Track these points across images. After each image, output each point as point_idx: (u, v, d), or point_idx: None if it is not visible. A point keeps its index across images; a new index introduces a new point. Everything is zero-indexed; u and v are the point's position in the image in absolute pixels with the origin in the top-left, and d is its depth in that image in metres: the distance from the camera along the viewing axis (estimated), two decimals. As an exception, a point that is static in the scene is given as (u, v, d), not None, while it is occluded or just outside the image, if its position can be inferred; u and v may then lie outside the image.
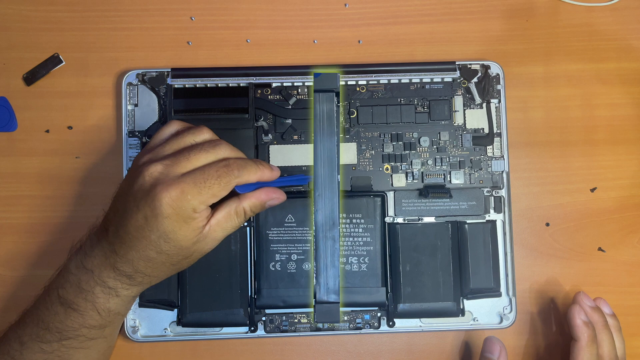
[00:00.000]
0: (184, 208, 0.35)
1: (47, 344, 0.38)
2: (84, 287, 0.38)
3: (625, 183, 0.49)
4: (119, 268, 0.37)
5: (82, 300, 0.38)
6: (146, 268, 0.37)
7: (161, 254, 0.37)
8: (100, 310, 0.38)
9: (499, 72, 0.48)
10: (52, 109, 0.49)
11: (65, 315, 0.38)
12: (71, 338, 0.38)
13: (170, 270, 0.39)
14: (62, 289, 0.38)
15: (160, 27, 0.50)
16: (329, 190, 0.37)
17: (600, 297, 0.46)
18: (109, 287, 0.38)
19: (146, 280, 0.39)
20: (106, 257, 0.38)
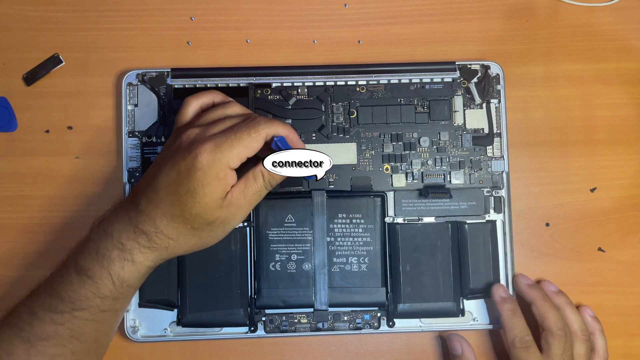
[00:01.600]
0: (218, 161, 0.37)
1: (59, 314, 0.38)
2: (101, 251, 0.38)
3: (625, 183, 0.49)
4: (140, 227, 0.38)
5: (98, 266, 0.38)
6: (167, 228, 0.38)
7: (185, 212, 0.37)
8: (115, 279, 0.38)
9: (499, 72, 0.48)
10: (52, 109, 0.49)
11: (80, 284, 0.38)
12: (84, 309, 0.38)
13: (191, 236, 0.39)
14: (79, 256, 0.39)
15: (160, 27, 0.50)
16: (321, 246, 0.46)
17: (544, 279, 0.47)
18: (127, 249, 0.38)
19: (164, 244, 0.38)
20: (129, 218, 0.38)
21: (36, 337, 0.38)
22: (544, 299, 0.44)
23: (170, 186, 0.37)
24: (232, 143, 0.37)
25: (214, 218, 0.38)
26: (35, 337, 0.38)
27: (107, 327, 0.41)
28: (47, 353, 0.38)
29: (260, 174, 0.39)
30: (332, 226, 0.46)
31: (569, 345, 0.43)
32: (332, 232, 0.46)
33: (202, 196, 0.37)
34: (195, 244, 0.40)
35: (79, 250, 0.39)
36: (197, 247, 0.40)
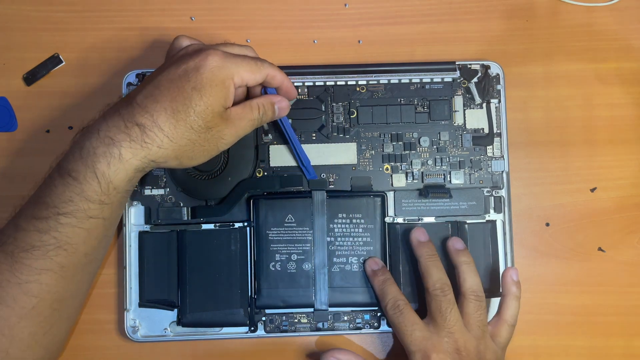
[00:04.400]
0: (226, 69, 0.38)
1: (43, 221, 0.36)
2: (85, 149, 0.36)
3: (625, 183, 0.49)
4: (134, 119, 0.36)
5: (82, 165, 0.36)
6: (165, 122, 0.36)
7: (188, 108, 0.37)
8: (100, 178, 0.36)
9: (499, 72, 0.48)
10: (52, 109, 0.49)
11: (64, 186, 0.36)
12: (69, 214, 0.36)
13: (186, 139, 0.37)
14: (62, 160, 0.37)
15: (160, 27, 0.50)
16: (321, 246, 0.46)
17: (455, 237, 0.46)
18: (115, 142, 0.36)
19: (158, 141, 0.37)
20: (120, 114, 0.37)
21: (20, 249, 0.36)
22: (429, 257, 0.43)
23: (175, 82, 0.37)
24: (240, 61, 0.39)
25: (214, 124, 0.38)
26: (19, 249, 0.36)
27: (95, 238, 0.38)
28: (32, 266, 0.36)
29: (257, 106, 0.41)
30: (332, 226, 0.46)
31: (448, 304, 0.41)
32: (332, 232, 0.46)
33: (208, 96, 0.37)
34: (187, 151, 0.38)
35: (63, 156, 0.38)
36: (187, 158, 0.39)
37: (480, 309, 0.42)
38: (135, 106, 0.37)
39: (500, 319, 0.44)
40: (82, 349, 0.47)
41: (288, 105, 0.43)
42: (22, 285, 0.36)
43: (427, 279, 0.43)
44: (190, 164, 0.40)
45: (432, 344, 0.41)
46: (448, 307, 0.42)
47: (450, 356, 0.40)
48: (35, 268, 0.36)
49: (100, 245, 0.40)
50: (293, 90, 0.43)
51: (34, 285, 0.36)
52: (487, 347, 0.42)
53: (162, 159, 0.38)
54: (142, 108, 0.36)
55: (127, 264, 0.46)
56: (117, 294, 0.48)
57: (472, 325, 0.42)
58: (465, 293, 0.43)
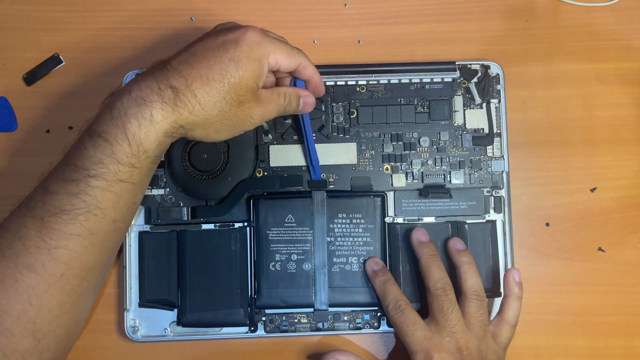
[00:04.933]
0: (264, 47, 0.38)
1: (73, 183, 0.35)
2: (117, 110, 0.35)
3: (625, 183, 0.49)
4: (168, 82, 0.36)
5: (113, 126, 0.35)
6: (199, 89, 0.36)
7: (224, 78, 0.36)
8: (131, 139, 0.35)
9: (499, 72, 0.48)
10: (52, 109, 0.49)
11: (94, 147, 0.35)
12: (99, 176, 0.35)
13: (220, 108, 0.37)
14: (92, 123, 0.36)
15: (160, 27, 0.50)
16: (321, 246, 0.46)
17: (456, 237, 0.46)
18: (147, 103, 0.35)
19: (190, 106, 0.36)
20: (154, 77, 0.36)
21: (49, 214, 0.35)
22: (430, 257, 0.44)
23: (212, 51, 0.37)
24: (278, 42, 0.39)
25: (245, 99, 0.38)
26: (48, 213, 0.35)
27: (124, 204, 0.37)
28: (62, 231, 0.35)
29: (284, 94, 0.41)
30: (332, 226, 0.46)
31: (449, 304, 0.42)
32: (332, 232, 0.46)
33: (244, 69, 0.37)
34: (216, 123, 0.38)
35: (93, 120, 0.37)
36: (214, 130, 0.38)
37: (481, 308, 0.42)
38: (170, 69, 0.36)
39: (502, 319, 0.44)
40: (82, 349, 0.47)
41: (313, 102, 0.43)
42: (52, 251, 0.35)
43: (428, 278, 0.43)
44: (215, 137, 0.39)
45: (434, 344, 0.41)
46: (450, 306, 0.42)
47: (452, 356, 0.40)
48: (65, 233, 0.35)
49: (128, 213, 0.39)
50: (321, 87, 0.43)
51: (63, 251, 0.35)
52: (489, 346, 0.42)
53: (191, 125, 0.37)
54: (176, 72, 0.36)
55: (127, 264, 0.46)
56: (117, 294, 0.48)
57: (473, 325, 0.42)
58: (466, 293, 0.43)
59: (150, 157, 0.37)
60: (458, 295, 0.43)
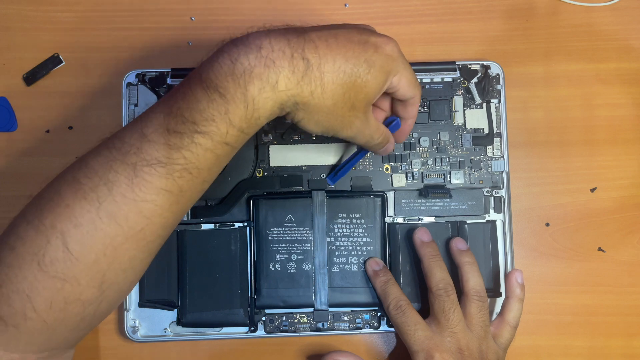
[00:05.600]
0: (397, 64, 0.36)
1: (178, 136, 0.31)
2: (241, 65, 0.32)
3: (625, 183, 0.49)
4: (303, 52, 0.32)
5: (232, 82, 0.31)
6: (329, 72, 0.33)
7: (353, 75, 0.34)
8: (249, 102, 0.32)
9: (499, 72, 0.48)
10: (52, 109, 0.49)
11: (209, 102, 0.31)
12: (206, 133, 0.32)
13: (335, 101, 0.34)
14: (208, 71, 0.32)
15: (160, 27, 0.50)
16: (321, 246, 0.46)
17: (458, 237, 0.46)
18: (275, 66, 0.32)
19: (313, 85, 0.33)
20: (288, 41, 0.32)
21: (144, 162, 0.31)
22: (432, 257, 0.44)
23: (353, 43, 0.34)
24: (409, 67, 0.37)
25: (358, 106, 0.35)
26: (143, 162, 0.31)
27: (218, 168, 0.35)
28: (153, 184, 0.32)
29: (382, 132, 0.39)
30: (332, 226, 0.46)
31: (451, 304, 0.42)
32: (332, 232, 0.46)
33: (373, 77, 0.34)
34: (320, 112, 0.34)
35: (205, 65, 0.33)
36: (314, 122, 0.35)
37: (482, 309, 0.42)
38: (308, 40, 0.33)
39: (503, 320, 0.44)
40: (82, 349, 0.47)
41: (391, 150, 0.42)
42: (139, 203, 0.32)
43: (430, 278, 0.43)
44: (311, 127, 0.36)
45: (435, 344, 0.41)
46: (451, 307, 0.42)
47: (453, 356, 0.40)
48: (156, 186, 0.32)
49: (213, 178, 0.36)
50: (406, 136, 0.42)
51: (149, 205, 0.32)
52: (489, 347, 0.42)
53: (304, 106, 0.34)
54: (314, 46, 0.33)
55: (127, 264, 0.46)
56: (117, 294, 0.48)
57: (474, 326, 0.42)
58: (468, 293, 0.43)
59: (258, 126, 0.34)
60: (459, 295, 0.43)
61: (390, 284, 0.44)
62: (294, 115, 0.35)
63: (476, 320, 0.42)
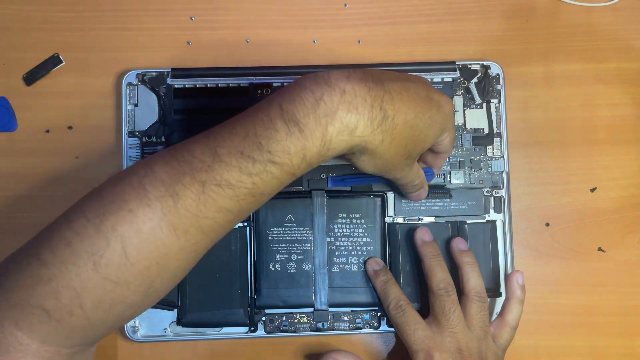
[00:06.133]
0: (450, 122, 0.39)
1: (251, 162, 0.32)
2: (323, 104, 0.32)
3: (625, 183, 0.49)
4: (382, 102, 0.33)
5: (314, 120, 0.32)
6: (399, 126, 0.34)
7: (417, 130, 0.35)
8: (326, 142, 0.32)
9: (499, 72, 0.48)
10: (52, 109, 0.49)
11: (286, 134, 0.32)
12: (279, 164, 0.32)
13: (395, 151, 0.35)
14: (288, 103, 0.32)
15: (160, 27, 0.50)
16: (321, 246, 0.46)
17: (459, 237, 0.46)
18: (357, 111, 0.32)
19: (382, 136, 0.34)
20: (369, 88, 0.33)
21: (213, 182, 0.32)
22: (433, 257, 0.44)
23: (421, 99, 0.35)
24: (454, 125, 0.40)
25: (413, 157, 0.38)
26: (213, 181, 0.32)
27: (276, 192, 0.35)
28: (218, 203, 0.32)
29: (419, 176, 0.41)
30: (332, 226, 0.46)
31: (451, 304, 0.42)
32: (332, 232, 0.46)
33: (432, 134, 0.37)
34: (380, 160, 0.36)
35: (284, 97, 0.33)
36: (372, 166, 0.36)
37: (483, 310, 0.43)
38: (387, 92, 0.34)
39: (503, 321, 0.44)
40: (82, 349, 0.47)
41: (424, 197, 0.44)
42: (200, 219, 0.32)
43: (431, 278, 0.43)
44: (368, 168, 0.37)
45: (435, 344, 0.41)
46: (452, 307, 0.42)
47: (453, 356, 0.40)
48: (221, 206, 0.32)
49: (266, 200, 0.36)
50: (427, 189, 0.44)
51: (209, 221, 0.33)
52: (489, 348, 0.42)
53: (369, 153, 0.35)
54: (391, 97, 0.34)
55: (127, 264, 0.46)
56: (117, 294, 0.48)
57: (474, 326, 0.42)
58: (468, 294, 0.43)
59: (324, 161, 0.34)
60: (459, 295, 0.43)
61: (390, 284, 0.44)
62: (357, 157, 0.36)
63: (476, 320, 0.42)
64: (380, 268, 0.45)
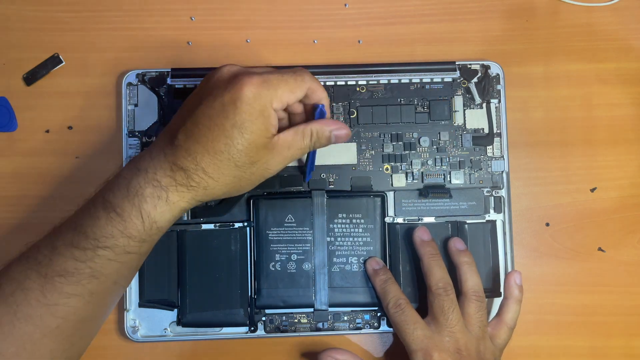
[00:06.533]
0: (264, 97, 0.36)
1: (82, 251, 0.36)
2: (133, 188, 0.36)
3: (625, 183, 0.49)
4: (178, 163, 0.36)
5: (129, 204, 0.36)
6: (209, 165, 0.36)
7: (230, 147, 0.36)
8: (145, 218, 0.36)
9: (499, 72, 0.48)
10: (52, 109, 0.49)
11: (107, 221, 0.36)
12: (108, 247, 0.36)
13: (232, 176, 0.37)
14: (108, 192, 0.37)
15: (160, 27, 0.50)
16: (321, 246, 0.46)
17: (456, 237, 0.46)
18: (162, 186, 0.36)
19: (203, 183, 0.37)
20: (165, 155, 0.36)
21: (54, 273, 0.36)
22: (432, 256, 0.44)
23: (213, 119, 0.36)
24: (277, 82, 0.37)
25: (258, 157, 0.37)
26: (54, 272, 0.36)
27: (128, 270, 0.39)
28: (63, 290, 0.36)
29: (310, 133, 0.39)
30: (332, 226, 0.46)
31: (450, 304, 0.42)
32: (332, 232, 0.46)
33: (250, 132, 0.36)
34: (234, 186, 0.38)
35: (108, 187, 0.37)
36: (235, 190, 0.39)
37: (481, 309, 0.43)
38: (179, 147, 0.36)
39: (501, 321, 0.44)
40: (82, 349, 0.47)
41: (348, 134, 0.40)
42: (51, 306, 0.36)
43: (429, 277, 0.43)
44: (238, 194, 0.40)
45: (433, 343, 0.41)
46: (450, 306, 0.42)
47: (452, 356, 0.40)
48: (66, 292, 0.36)
49: (131, 274, 0.40)
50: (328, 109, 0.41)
51: (62, 307, 0.36)
52: (487, 347, 0.42)
53: (209, 197, 0.38)
54: (185, 150, 0.36)
55: (127, 264, 0.46)
56: (117, 294, 0.48)
57: (472, 326, 0.42)
58: (466, 293, 0.43)
59: (162, 231, 0.38)
60: (458, 295, 0.43)
61: (389, 283, 0.44)
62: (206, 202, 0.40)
63: (474, 320, 0.42)
64: (380, 267, 0.45)
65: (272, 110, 0.37)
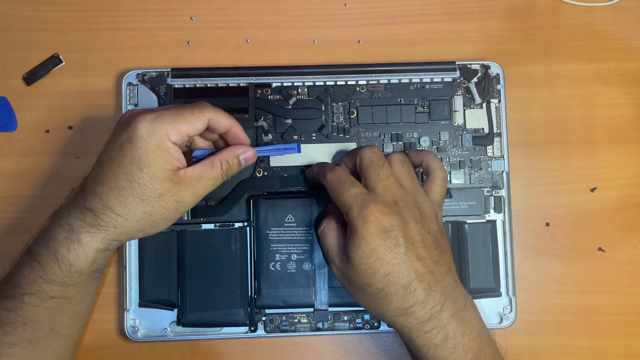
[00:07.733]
0: (157, 131, 0.37)
1: (10, 300, 0.38)
2: (49, 234, 0.38)
3: (625, 183, 0.49)
4: (87, 205, 0.38)
5: (46, 250, 0.38)
6: (115, 203, 0.37)
7: (132, 182, 0.37)
8: (60, 261, 0.38)
9: (499, 72, 0.48)
10: (52, 109, 0.49)
11: (29, 268, 0.38)
12: (32, 294, 0.38)
13: (141, 212, 0.38)
14: (33, 242, 0.39)
15: (160, 27, 0.50)
16: None
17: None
18: (73, 229, 0.38)
19: (112, 222, 0.38)
20: (76, 199, 0.38)
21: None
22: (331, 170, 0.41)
23: (114, 159, 0.37)
24: (173, 116, 0.38)
25: (164, 190, 0.38)
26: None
27: (61, 316, 0.40)
28: (3, 341, 0.38)
29: (219, 163, 0.40)
30: (332, 226, 0.46)
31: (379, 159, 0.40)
32: (332, 232, 0.46)
33: (148, 165, 0.37)
34: (147, 223, 0.39)
35: (33, 239, 0.40)
36: (150, 227, 0.39)
37: (405, 164, 0.41)
38: (87, 191, 0.38)
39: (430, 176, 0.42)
40: (82, 349, 0.47)
41: (254, 154, 0.41)
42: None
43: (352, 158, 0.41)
44: (155, 231, 0.40)
45: (370, 197, 0.38)
46: (379, 161, 0.40)
47: (388, 206, 0.38)
48: (6, 342, 0.38)
49: (69, 321, 0.41)
50: (243, 135, 0.41)
51: (4, 357, 0.38)
52: (425, 200, 0.40)
53: (124, 236, 0.39)
54: (91, 192, 0.38)
55: (127, 263, 0.46)
56: (117, 294, 0.48)
57: (403, 180, 0.40)
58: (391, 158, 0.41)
59: (84, 274, 0.39)
60: None
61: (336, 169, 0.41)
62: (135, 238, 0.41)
63: (403, 174, 0.40)
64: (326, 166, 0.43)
65: (171, 144, 0.37)
